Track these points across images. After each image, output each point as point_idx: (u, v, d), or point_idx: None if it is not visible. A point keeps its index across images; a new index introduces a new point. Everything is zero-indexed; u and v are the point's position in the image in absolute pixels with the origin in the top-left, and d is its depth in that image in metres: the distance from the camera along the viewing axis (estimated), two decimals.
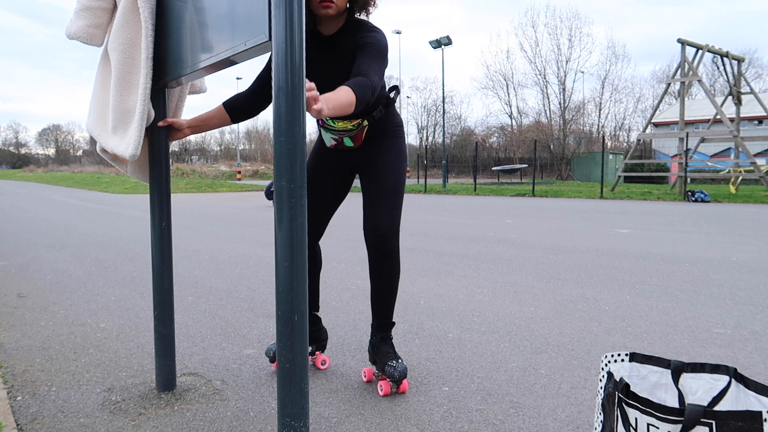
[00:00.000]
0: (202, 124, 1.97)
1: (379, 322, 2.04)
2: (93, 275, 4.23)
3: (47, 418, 1.77)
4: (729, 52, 17.77)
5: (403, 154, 2.06)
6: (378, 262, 1.96)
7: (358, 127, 1.93)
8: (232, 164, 43.16)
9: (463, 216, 9.50)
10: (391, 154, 2.00)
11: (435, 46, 21.82)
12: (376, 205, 1.94)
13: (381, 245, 1.93)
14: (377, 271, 1.98)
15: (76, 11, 1.83)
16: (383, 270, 1.97)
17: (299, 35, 1.19)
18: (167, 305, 1.97)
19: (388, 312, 2.04)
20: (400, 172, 2.00)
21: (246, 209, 11.65)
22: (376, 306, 2.04)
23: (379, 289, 2.01)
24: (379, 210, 1.93)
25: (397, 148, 2.03)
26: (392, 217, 1.93)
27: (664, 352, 2.41)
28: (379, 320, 2.04)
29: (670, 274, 4.19)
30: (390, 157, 2.00)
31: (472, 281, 3.94)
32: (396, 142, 2.04)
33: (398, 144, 2.04)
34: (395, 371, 1.92)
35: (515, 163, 29.74)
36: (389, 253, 1.94)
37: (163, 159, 1.94)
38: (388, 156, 2.00)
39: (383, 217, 1.92)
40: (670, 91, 27.61)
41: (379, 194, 1.95)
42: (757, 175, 16.23)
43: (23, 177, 38.14)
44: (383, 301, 2.02)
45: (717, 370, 1.19)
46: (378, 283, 2.00)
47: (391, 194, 1.95)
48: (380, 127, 2.00)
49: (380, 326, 2.04)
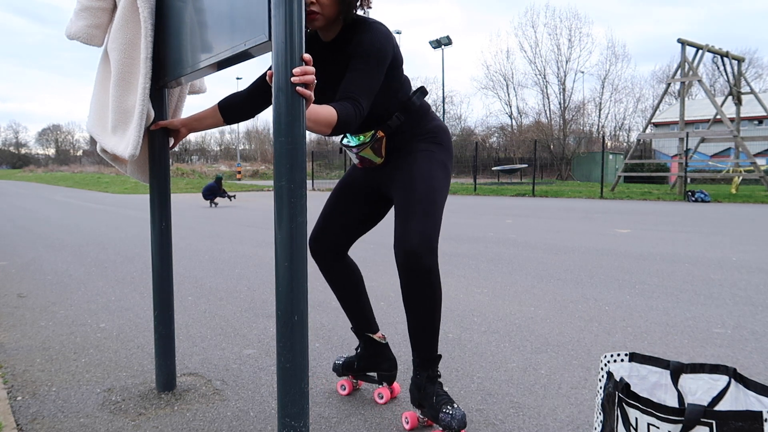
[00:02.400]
0: (197, 123, 1.88)
1: (422, 357, 1.67)
2: (93, 275, 4.23)
3: (47, 418, 1.77)
4: (729, 52, 17.77)
5: (440, 161, 1.73)
6: (409, 285, 1.59)
7: (372, 139, 1.71)
8: (232, 164, 43.17)
9: (463, 216, 9.50)
10: (424, 161, 1.70)
11: (435, 46, 21.83)
12: (405, 219, 1.62)
13: (410, 263, 1.56)
14: (410, 296, 1.61)
15: (76, 11, 1.83)
16: (420, 296, 1.59)
17: (299, 35, 1.19)
18: (167, 305, 1.97)
19: (432, 345, 1.66)
20: (434, 179, 1.68)
21: (246, 209, 11.65)
22: (416, 339, 1.66)
23: (415, 318, 1.64)
24: (408, 224, 1.60)
25: (430, 155, 1.72)
26: (424, 229, 1.58)
27: (664, 352, 2.41)
28: (420, 354, 1.67)
29: (670, 274, 4.19)
30: (423, 165, 1.69)
31: (472, 281, 3.94)
32: (431, 148, 1.74)
33: (432, 150, 1.74)
34: (453, 420, 1.58)
35: (515, 163, 29.72)
36: (422, 273, 1.56)
37: (163, 159, 1.94)
38: (420, 163, 1.70)
39: (412, 230, 1.58)
40: (670, 91, 27.61)
41: (407, 206, 1.63)
42: (757, 175, 16.23)
43: (23, 177, 38.15)
44: (423, 333, 1.64)
45: (716, 370, 1.19)
46: (415, 312, 1.63)
47: (422, 204, 1.62)
48: (408, 135, 1.75)
49: (423, 363, 1.67)
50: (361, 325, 1.93)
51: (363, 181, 1.86)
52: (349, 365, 1.98)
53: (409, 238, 1.57)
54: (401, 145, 1.75)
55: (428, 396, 1.65)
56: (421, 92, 1.77)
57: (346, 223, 1.88)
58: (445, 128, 1.82)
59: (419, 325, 1.64)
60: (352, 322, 1.95)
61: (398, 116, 1.71)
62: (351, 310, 1.93)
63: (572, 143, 36.92)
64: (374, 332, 1.93)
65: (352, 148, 1.76)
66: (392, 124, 1.71)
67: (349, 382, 2.00)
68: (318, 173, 29.31)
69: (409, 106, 1.73)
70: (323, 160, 33.50)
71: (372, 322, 1.94)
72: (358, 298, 1.92)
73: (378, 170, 1.81)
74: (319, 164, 31.75)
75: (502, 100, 51.04)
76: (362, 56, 1.54)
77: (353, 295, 1.92)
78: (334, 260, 1.89)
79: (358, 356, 1.96)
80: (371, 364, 1.93)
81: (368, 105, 1.52)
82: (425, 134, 1.76)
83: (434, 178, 1.69)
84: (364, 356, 1.94)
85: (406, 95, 1.74)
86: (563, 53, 39.89)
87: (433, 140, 1.76)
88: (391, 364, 1.92)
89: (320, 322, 2.90)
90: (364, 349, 1.94)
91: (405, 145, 1.75)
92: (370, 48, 1.55)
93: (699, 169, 21.09)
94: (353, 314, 1.94)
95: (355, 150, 1.76)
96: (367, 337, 1.92)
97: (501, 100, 53.19)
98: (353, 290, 1.92)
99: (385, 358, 1.92)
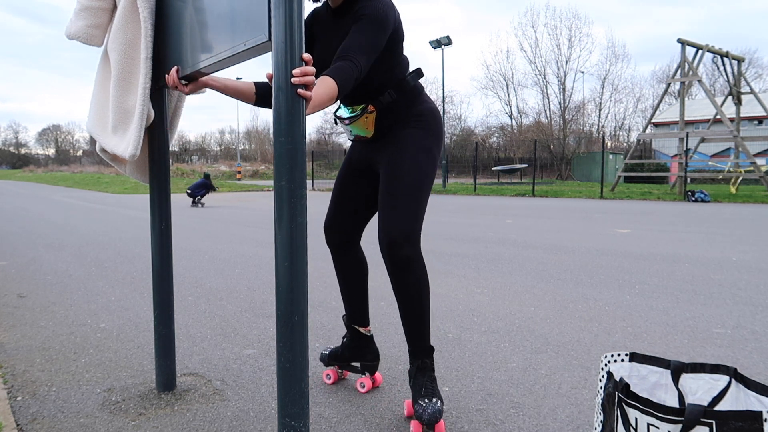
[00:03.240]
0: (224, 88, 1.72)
1: (413, 346, 1.74)
2: (93, 275, 4.23)
3: (47, 418, 1.77)
4: (729, 52, 17.77)
5: (425, 148, 1.74)
6: (396, 275, 1.68)
7: (363, 113, 1.72)
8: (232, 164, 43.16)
9: (463, 216, 9.50)
10: (409, 148, 1.72)
11: (435, 46, 21.80)
12: (388, 208, 1.67)
13: (393, 254, 1.65)
14: (398, 286, 1.69)
15: (76, 11, 1.83)
16: (403, 284, 1.68)
17: (299, 35, 1.19)
18: (167, 305, 1.97)
19: (421, 334, 1.72)
20: (419, 168, 1.71)
21: (246, 209, 11.65)
22: (407, 328, 1.74)
23: (404, 307, 1.71)
24: (390, 213, 1.66)
25: (417, 141, 1.74)
26: (406, 220, 1.65)
27: (664, 352, 2.41)
28: (410, 344, 1.75)
29: (670, 274, 4.19)
30: (407, 152, 1.71)
31: (472, 281, 3.94)
32: (417, 134, 1.75)
33: (420, 136, 1.75)
34: (424, 413, 1.60)
35: (515, 163, 29.72)
36: (405, 263, 1.65)
37: (163, 159, 1.94)
38: (406, 150, 1.72)
39: (394, 221, 1.65)
40: (670, 91, 27.62)
41: (389, 196, 1.69)
42: (757, 175, 16.23)
43: (23, 177, 38.15)
44: (412, 322, 1.71)
45: (717, 370, 1.19)
46: (402, 300, 1.71)
47: (404, 194, 1.67)
48: (397, 115, 1.75)
49: (414, 352, 1.74)
50: (355, 316, 2.01)
51: (359, 161, 1.90)
52: (336, 355, 2.05)
53: (391, 230, 1.65)
54: (391, 123, 1.77)
55: (415, 385, 1.71)
56: (417, 73, 1.78)
57: (353, 207, 1.93)
58: (436, 111, 1.83)
59: (406, 313, 1.72)
60: (347, 312, 2.02)
61: (390, 93, 1.73)
62: (350, 301, 2.01)
63: (572, 143, 36.92)
64: (364, 326, 2.01)
65: (345, 119, 1.79)
66: (384, 101, 1.73)
67: (335, 371, 2.07)
68: (318, 173, 29.31)
69: (403, 85, 1.75)
70: (323, 160, 33.51)
71: (365, 317, 2.01)
72: (361, 292, 1.99)
73: (370, 147, 1.84)
74: (319, 164, 31.75)
75: (502, 100, 51.07)
76: (363, 19, 1.56)
77: (357, 288, 1.99)
78: (348, 249, 1.96)
79: (343, 346, 2.04)
80: (355, 355, 2.01)
81: (367, 63, 1.52)
82: (416, 116, 1.77)
83: (418, 167, 1.72)
84: (349, 346, 2.02)
85: (402, 73, 1.76)
86: (563, 53, 39.94)
87: (422, 125, 1.77)
88: (374, 355, 2.00)
89: (320, 322, 2.90)
90: (350, 340, 2.02)
91: (395, 126, 1.77)
92: (371, 12, 1.57)
93: (699, 169, 21.08)
94: (351, 305, 2.01)
95: (347, 121, 1.78)
96: (354, 329, 2.01)
97: (501, 100, 53.20)
98: (359, 283, 1.99)
99: (368, 350, 2.00)
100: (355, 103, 1.77)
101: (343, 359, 2.04)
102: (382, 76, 1.71)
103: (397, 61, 1.73)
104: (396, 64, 1.73)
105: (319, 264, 4.61)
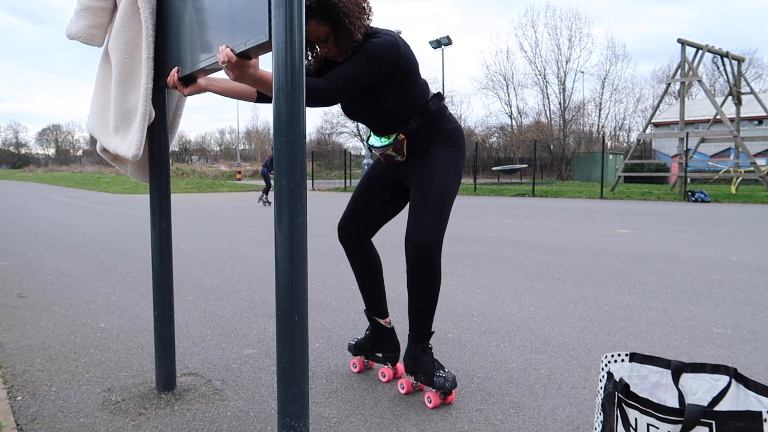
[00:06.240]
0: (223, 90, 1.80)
1: (419, 333, 1.94)
2: (93, 275, 4.23)
3: (47, 418, 1.77)
4: (729, 52, 17.77)
5: (453, 163, 1.93)
6: (416, 275, 1.85)
7: (394, 141, 1.90)
8: (232, 164, 43.16)
9: (463, 216, 9.50)
10: (438, 162, 1.90)
11: (435, 46, 21.82)
12: (418, 215, 1.84)
13: (421, 258, 1.82)
14: (416, 283, 1.87)
15: (77, 11, 1.83)
16: (422, 282, 1.85)
17: (299, 35, 1.19)
18: (167, 305, 1.97)
19: (428, 322, 1.94)
20: (446, 180, 1.88)
21: (246, 209, 11.65)
22: (415, 317, 1.92)
23: (417, 300, 1.90)
24: (420, 221, 1.82)
25: (445, 156, 1.92)
26: (435, 228, 1.82)
27: (664, 352, 2.41)
28: (418, 331, 1.94)
29: (670, 274, 4.19)
30: (436, 166, 1.89)
31: (472, 281, 3.94)
32: (445, 150, 1.93)
33: (447, 152, 1.93)
34: (446, 381, 1.83)
35: (515, 163, 29.71)
36: (428, 265, 1.83)
37: (163, 159, 1.94)
38: (435, 164, 1.89)
39: (424, 228, 1.81)
40: (670, 91, 27.61)
41: (420, 204, 1.85)
42: (757, 175, 16.23)
43: (23, 177, 38.15)
44: (423, 312, 1.91)
45: (717, 370, 1.19)
46: (417, 295, 1.89)
47: (434, 203, 1.84)
48: (426, 137, 1.93)
49: (419, 337, 1.94)
50: (373, 308, 2.14)
51: (386, 175, 2.07)
52: (362, 346, 2.19)
53: (420, 234, 1.81)
54: (421, 144, 1.94)
55: (423, 364, 1.91)
56: (437, 97, 1.96)
57: (370, 213, 2.10)
58: (461, 130, 2.02)
59: (419, 306, 1.90)
60: (366, 305, 2.16)
61: (416, 120, 1.90)
62: (368, 294, 2.14)
63: (572, 143, 36.89)
64: (383, 318, 2.14)
65: (378, 148, 1.97)
66: (411, 127, 1.90)
67: (361, 361, 2.20)
68: (318, 173, 29.32)
69: (426, 111, 1.92)
70: (323, 160, 33.52)
71: (383, 309, 2.15)
72: (377, 284, 2.13)
73: (400, 165, 2.00)
74: (319, 164, 31.76)
75: (502, 100, 50.99)
76: (359, 52, 1.71)
77: (373, 281, 2.13)
78: (359, 246, 2.12)
79: (366, 337, 2.19)
80: (377, 346, 2.15)
81: (345, 88, 1.65)
82: (443, 136, 1.95)
83: (447, 179, 1.89)
84: (371, 338, 2.17)
85: (423, 100, 1.92)
86: (563, 53, 39.82)
87: (450, 142, 1.95)
88: (394, 347, 2.13)
89: (320, 322, 2.90)
90: (372, 332, 2.16)
91: (424, 145, 1.94)
92: (369, 48, 1.71)
93: (699, 169, 21.08)
94: (369, 297, 2.14)
95: (380, 151, 1.96)
96: (375, 321, 2.14)
97: (501, 100, 53.16)
98: (374, 276, 2.13)
99: (388, 342, 2.13)
100: (386, 133, 1.93)
101: (366, 350, 2.17)
102: (407, 108, 1.88)
103: (417, 91, 1.89)
104: (415, 94, 1.89)
105: (319, 264, 4.61)
